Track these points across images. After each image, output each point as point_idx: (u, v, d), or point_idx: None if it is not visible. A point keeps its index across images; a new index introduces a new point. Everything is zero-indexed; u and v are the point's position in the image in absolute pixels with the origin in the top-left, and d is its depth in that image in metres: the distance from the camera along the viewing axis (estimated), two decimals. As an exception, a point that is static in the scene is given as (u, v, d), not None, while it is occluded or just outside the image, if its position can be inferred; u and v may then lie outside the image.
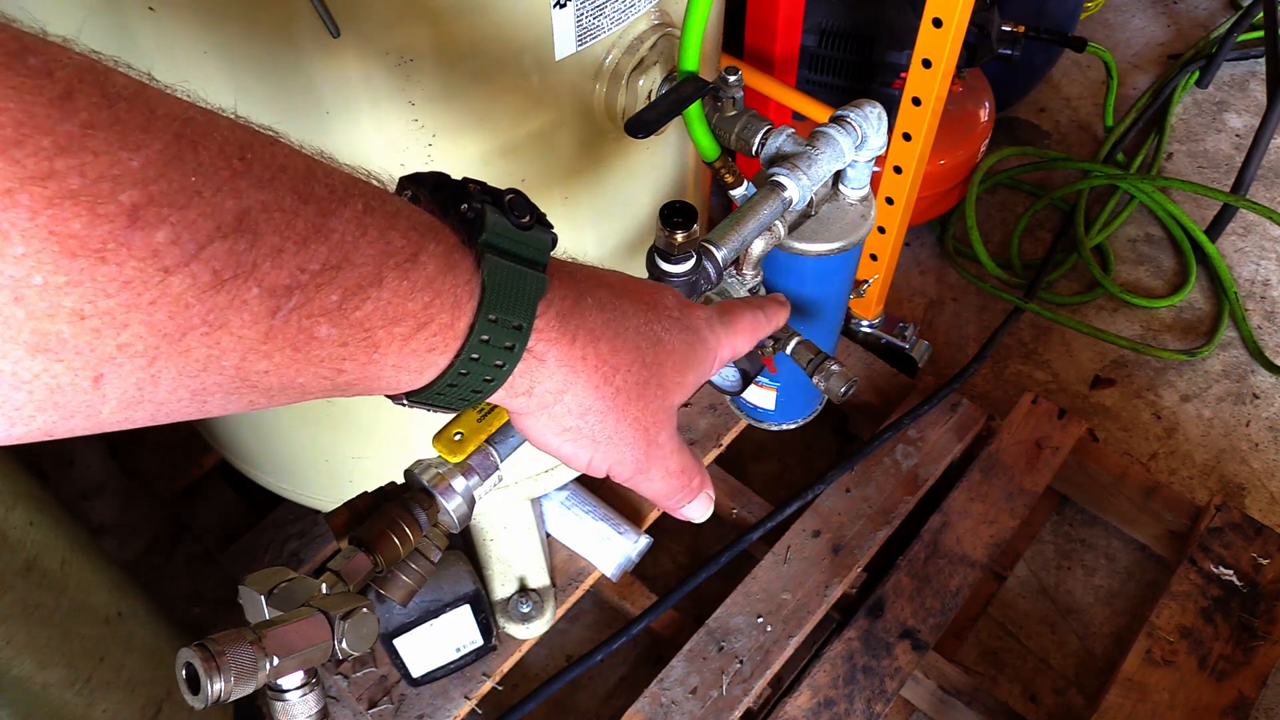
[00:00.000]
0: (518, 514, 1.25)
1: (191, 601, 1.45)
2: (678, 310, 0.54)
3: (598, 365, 0.48)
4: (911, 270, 1.93)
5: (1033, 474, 1.47)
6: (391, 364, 0.40)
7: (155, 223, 0.30)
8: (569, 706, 1.42)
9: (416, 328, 0.39)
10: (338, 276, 0.36)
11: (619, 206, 0.97)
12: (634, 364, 0.50)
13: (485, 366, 0.43)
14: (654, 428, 0.52)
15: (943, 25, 1.18)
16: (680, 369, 0.53)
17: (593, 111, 0.84)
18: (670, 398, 0.52)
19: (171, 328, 0.32)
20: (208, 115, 0.34)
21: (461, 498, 0.60)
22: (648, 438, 0.52)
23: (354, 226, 0.37)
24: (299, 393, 0.38)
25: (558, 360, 0.46)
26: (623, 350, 0.49)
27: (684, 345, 0.53)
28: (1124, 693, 1.29)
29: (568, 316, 0.46)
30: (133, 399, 0.33)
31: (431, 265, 0.40)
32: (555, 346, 0.46)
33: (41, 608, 0.90)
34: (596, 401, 0.49)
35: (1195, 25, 2.43)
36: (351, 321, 0.37)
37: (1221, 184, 2.03)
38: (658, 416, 0.52)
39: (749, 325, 0.60)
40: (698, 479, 0.57)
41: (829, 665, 1.30)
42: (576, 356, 0.47)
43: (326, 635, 0.50)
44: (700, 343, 0.55)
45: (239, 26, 0.66)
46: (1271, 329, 1.85)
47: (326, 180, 0.37)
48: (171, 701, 1.08)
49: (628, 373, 0.49)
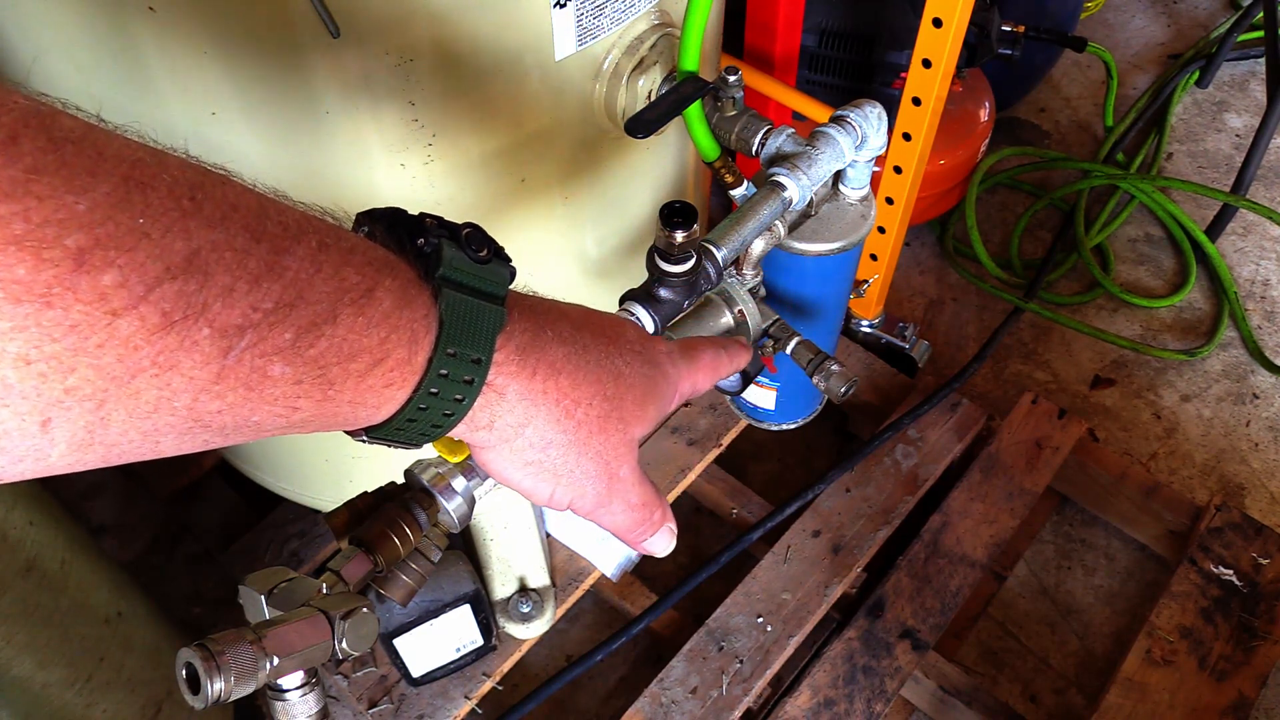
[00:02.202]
0: (518, 514, 1.25)
1: (191, 601, 1.45)
2: (639, 344, 0.54)
3: (559, 398, 0.48)
4: (911, 270, 1.93)
5: (1033, 474, 1.47)
6: (348, 400, 0.39)
7: (102, 266, 0.30)
8: (569, 706, 1.42)
9: (373, 364, 0.39)
10: (291, 314, 0.35)
11: (619, 206, 0.97)
12: (595, 397, 0.49)
13: (445, 401, 0.43)
14: (615, 461, 0.51)
15: (943, 25, 1.18)
16: (641, 402, 0.52)
17: (593, 111, 0.84)
18: (631, 430, 0.52)
19: (120, 370, 0.31)
20: (157, 156, 0.34)
21: (461, 498, 0.60)
22: (609, 471, 0.51)
23: (308, 264, 0.36)
24: (253, 431, 0.38)
25: (518, 394, 0.46)
26: (584, 383, 0.49)
27: (645, 378, 0.53)
28: (1124, 693, 1.29)
29: (528, 350, 0.46)
30: (82, 442, 0.33)
31: (388, 301, 0.39)
32: (516, 380, 0.46)
33: (41, 608, 0.90)
34: (558, 435, 0.48)
35: (1195, 25, 2.43)
36: (306, 359, 0.36)
37: (1221, 184, 2.03)
38: (619, 450, 0.51)
39: (710, 362, 0.60)
40: (659, 512, 0.56)
41: (829, 665, 1.30)
42: (537, 390, 0.47)
43: (326, 635, 0.50)
44: (662, 376, 0.54)
45: (239, 27, 0.66)
46: (1271, 329, 1.85)
47: (279, 218, 0.37)
48: (171, 701, 1.08)
49: (589, 406, 0.49)
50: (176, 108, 0.72)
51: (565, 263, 0.95)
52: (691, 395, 0.59)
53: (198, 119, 0.72)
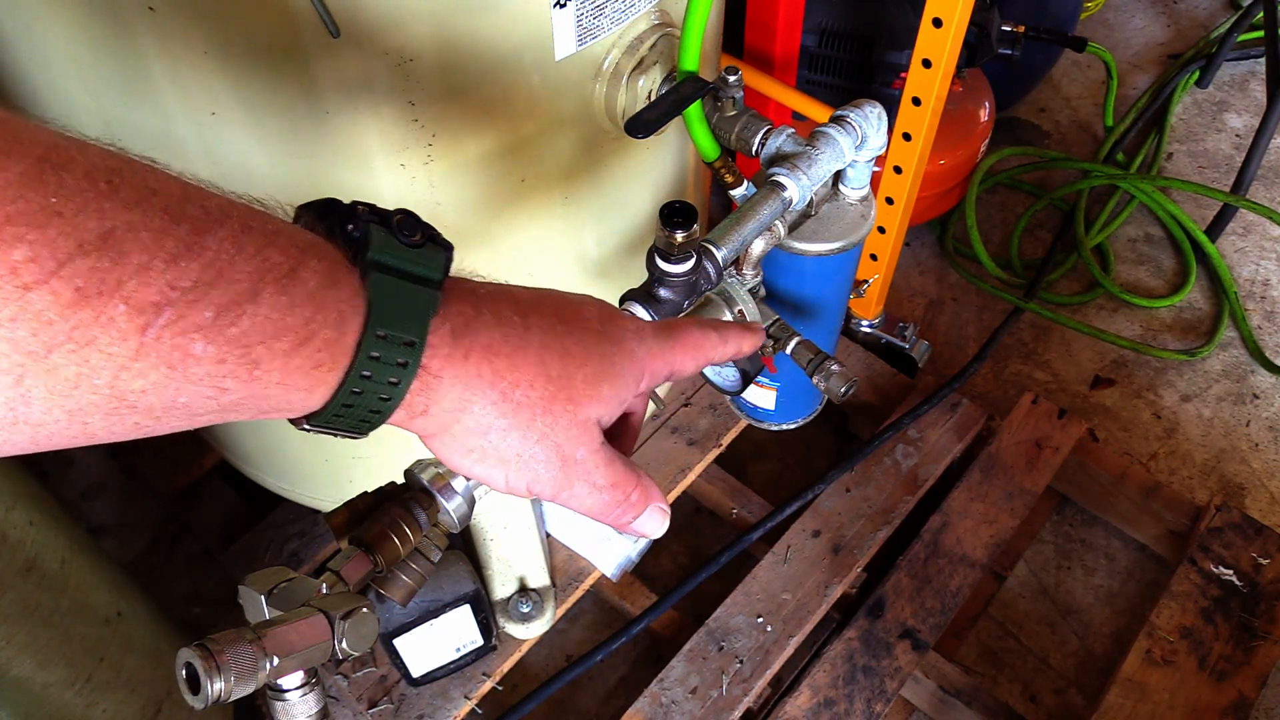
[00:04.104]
0: (518, 514, 1.25)
1: (191, 601, 1.45)
2: (597, 321, 0.53)
3: (494, 381, 0.47)
4: (911, 270, 1.93)
5: (1033, 474, 1.47)
6: (276, 381, 0.39)
7: (12, 241, 0.31)
8: (569, 706, 1.42)
9: (298, 343, 0.39)
10: (211, 293, 0.36)
11: (619, 206, 0.97)
12: (537, 378, 0.48)
13: (379, 385, 0.43)
14: (568, 443, 0.50)
15: (943, 25, 1.18)
16: (593, 381, 0.51)
17: (593, 111, 0.84)
18: (582, 411, 0.50)
19: (36, 345, 0.32)
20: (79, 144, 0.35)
21: (461, 497, 0.60)
22: (561, 454, 0.50)
23: (229, 245, 0.37)
24: (185, 414, 0.38)
25: (453, 377, 0.46)
26: (523, 365, 0.48)
27: (599, 357, 0.51)
28: (1124, 693, 1.29)
29: (462, 333, 0.46)
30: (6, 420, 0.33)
31: (313, 280, 0.40)
32: (450, 363, 0.45)
33: (41, 608, 0.90)
34: (497, 419, 0.48)
35: (1195, 25, 2.43)
36: (228, 338, 0.37)
37: (1221, 184, 2.03)
38: (571, 431, 0.50)
39: (694, 342, 0.57)
40: (636, 492, 0.54)
41: (829, 665, 1.30)
42: (471, 373, 0.46)
43: (326, 635, 0.50)
44: (622, 354, 0.53)
45: (239, 27, 0.66)
46: (1271, 329, 1.85)
47: (202, 202, 0.37)
48: (171, 701, 1.08)
49: (529, 388, 0.48)
50: (176, 108, 0.72)
51: (565, 263, 0.95)
52: (671, 376, 0.56)
53: (198, 119, 0.72)
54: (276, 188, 0.78)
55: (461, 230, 0.83)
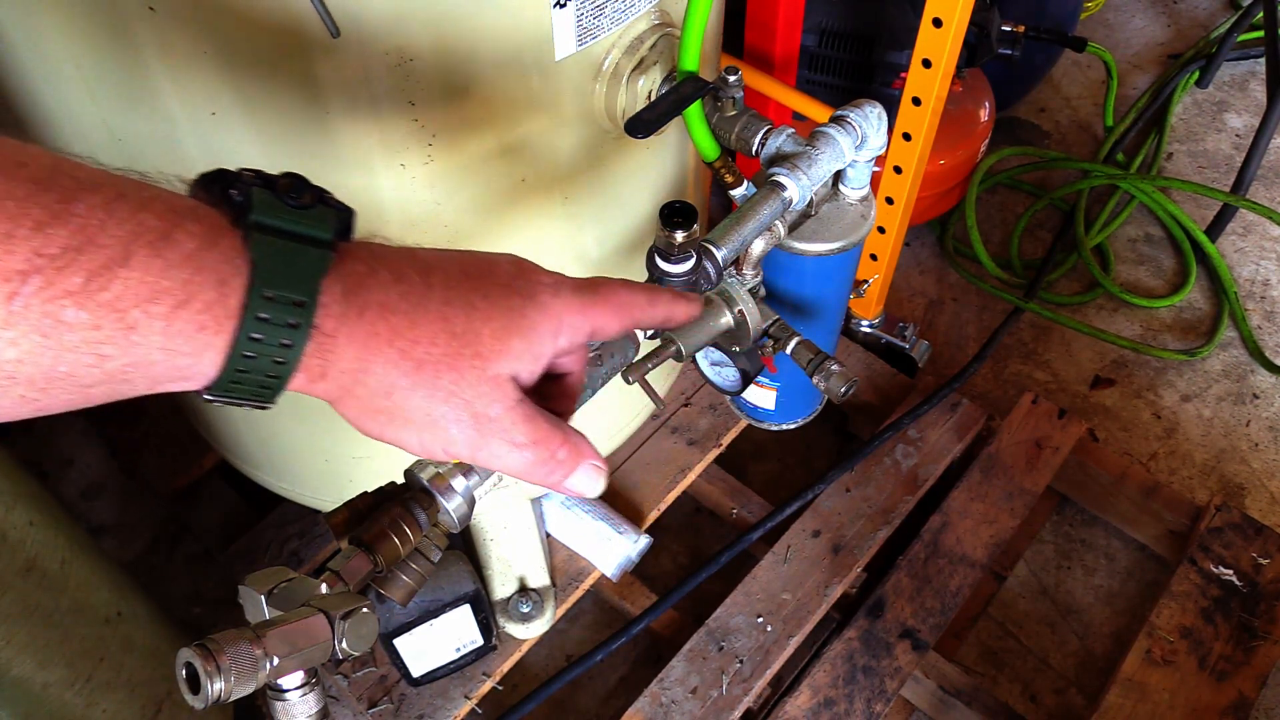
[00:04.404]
0: (518, 514, 1.25)
1: (191, 601, 1.44)
2: (509, 276, 0.52)
3: (392, 339, 0.46)
4: (911, 270, 1.93)
5: (1033, 474, 1.47)
6: (159, 347, 0.39)
7: None
8: (569, 706, 1.42)
9: (176, 305, 0.39)
10: (80, 258, 0.36)
11: (619, 206, 0.97)
12: (440, 334, 0.47)
13: (271, 347, 0.42)
14: (479, 400, 0.49)
15: (943, 25, 1.18)
16: (501, 335, 0.49)
17: (593, 111, 0.84)
18: (492, 366, 0.49)
19: None
20: None
21: (461, 498, 0.60)
22: (473, 412, 0.49)
23: (100, 211, 0.37)
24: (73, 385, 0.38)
25: (348, 337, 0.45)
26: (423, 322, 0.47)
27: (506, 310, 0.50)
28: (1124, 693, 1.29)
29: (355, 292, 0.45)
30: None
31: (190, 243, 0.40)
32: (344, 323, 0.45)
33: (41, 608, 0.90)
34: (400, 378, 0.47)
35: (1195, 25, 2.43)
36: (100, 303, 0.37)
37: (1221, 184, 2.03)
38: (481, 388, 0.49)
39: (618, 301, 0.55)
40: (563, 450, 0.52)
41: (829, 665, 1.30)
42: (368, 331, 0.45)
43: (326, 635, 0.50)
44: (533, 307, 0.51)
45: (239, 27, 0.66)
46: (1271, 329, 1.85)
47: (74, 173, 0.38)
48: (171, 701, 1.08)
49: (431, 344, 0.47)
50: (177, 108, 0.72)
51: (565, 263, 0.95)
52: (594, 335, 0.54)
53: (198, 119, 0.72)
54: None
55: (461, 230, 0.83)
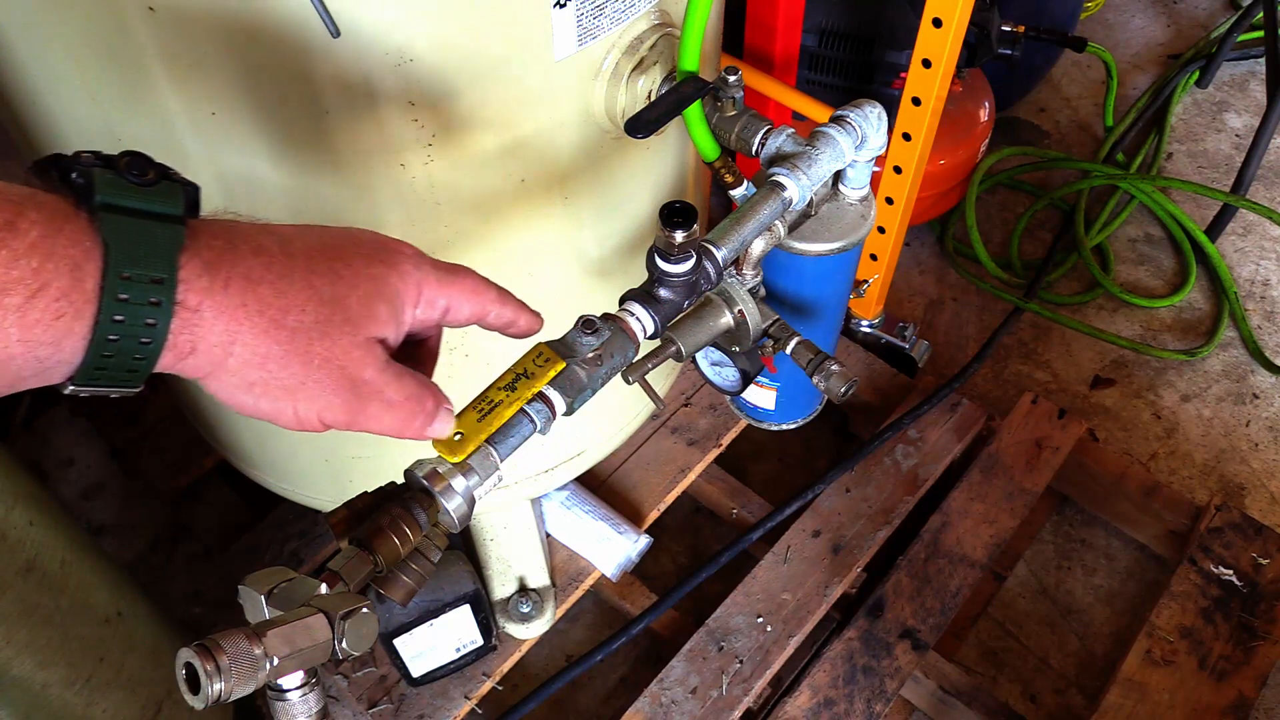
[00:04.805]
0: (518, 514, 1.25)
1: (191, 601, 1.44)
2: (370, 246, 0.52)
3: (261, 309, 0.46)
4: (911, 270, 1.93)
5: (1033, 474, 1.47)
6: (16, 339, 0.39)
7: None
8: (569, 706, 1.42)
9: (30, 294, 0.39)
10: None
11: (619, 206, 0.97)
12: (309, 302, 0.48)
13: (135, 327, 0.42)
14: (353, 364, 0.49)
15: (943, 25, 1.18)
16: (367, 301, 0.50)
17: (593, 111, 0.84)
18: (362, 331, 0.50)
19: None
20: None
21: (461, 498, 0.60)
22: (347, 375, 0.49)
23: None
24: None
25: (215, 310, 0.45)
26: (290, 291, 0.47)
27: (369, 278, 0.51)
28: (1124, 693, 1.29)
29: (217, 265, 0.45)
30: None
31: (34, 231, 0.39)
32: (209, 296, 0.45)
33: (41, 608, 0.90)
34: (273, 346, 0.47)
35: (1195, 25, 2.43)
36: None
37: (1221, 184, 2.03)
38: (353, 353, 0.49)
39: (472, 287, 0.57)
40: (430, 400, 0.54)
41: (829, 665, 1.30)
42: (235, 303, 0.45)
43: (326, 635, 0.50)
44: (398, 275, 0.52)
45: (238, 27, 0.66)
46: (1271, 329, 1.85)
47: None
48: (171, 701, 1.08)
49: (301, 313, 0.47)
50: (176, 108, 0.72)
51: (565, 263, 0.95)
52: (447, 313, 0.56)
53: (197, 119, 0.72)
54: (277, 187, 0.78)
55: (461, 230, 0.83)
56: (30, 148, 0.85)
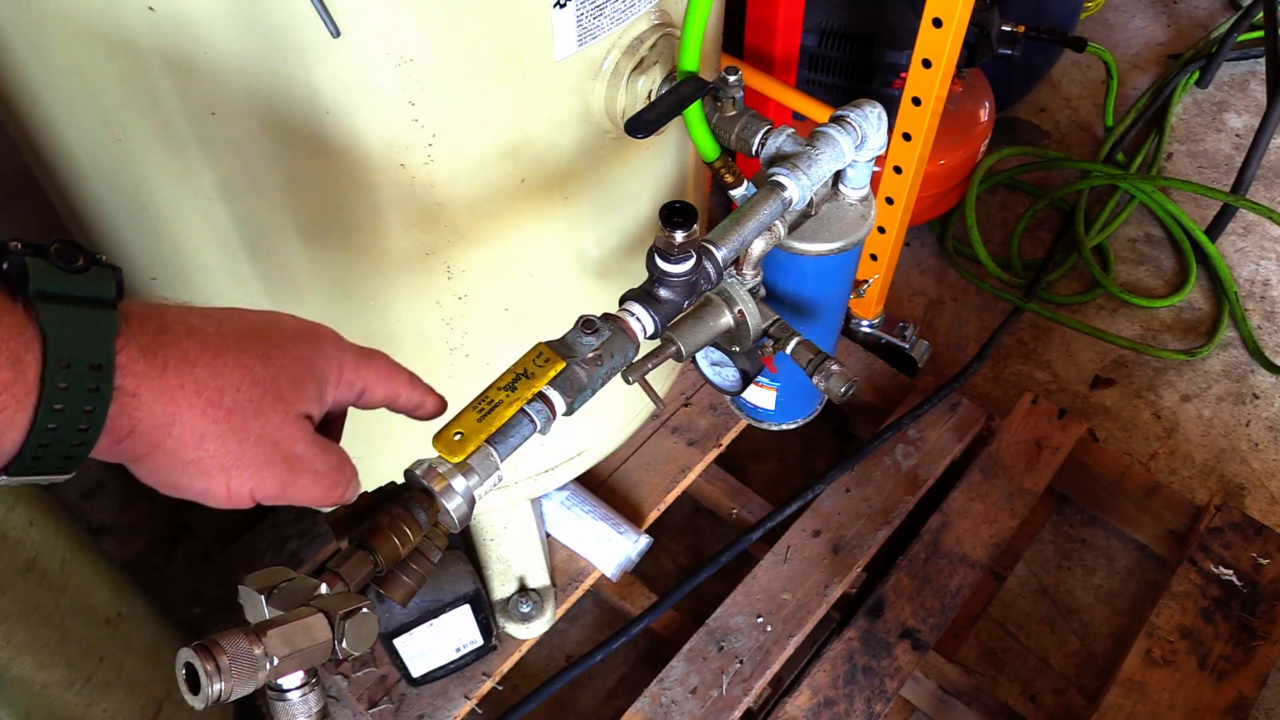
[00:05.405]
0: (518, 514, 1.25)
1: (191, 601, 1.45)
2: (295, 330, 0.54)
3: (199, 390, 0.47)
4: (911, 270, 1.93)
5: (1033, 474, 1.47)
6: None
7: None
8: (569, 706, 1.42)
9: None
10: None
11: (619, 206, 0.97)
12: (244, 381, 0.49)
13: (74, 415, 0.42)
14: (286, 440, 0.51)
15: (943, 25, 1.18)
16: (296, 380, 0.51)
17: (593, 111, 0.84)
18: (293, 408, 0.51)
19: None
20: None
21: (461, 498, 0.60)
22: (281, 450, 0.51)
23: None
24: None
25: (153, 393, 0.45)
26: (225, 371, 0.48)
27: (297, 357, 0.52)
28: (1124, 693, 1.29)
29: (153, 348, 0.45)
30: None
31: None
32: (145, 380, 0.45)
33: (41, 608, 0.90)
34: (210, 426, 0.47)
35: (1195, 25, 2.42)
36: None
37: (1221, 184, 2.03)
38: (286, 428, 0.51)
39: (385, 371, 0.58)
40: (349, 468, 0.56)
41: (829, 665, 1.30)
42: (173, 385, 0.46)
43: (327, 635, 0.50)
44: (320, 356, 0.54)
45: (238, 27, 0.66)
46: (1271, 329, 1.85)
47: None
48: (171, 701, 1.08)
49: (237, 391, 0.48)
50: (175, 108, 0.72)
51: (565, 263, 0.95)
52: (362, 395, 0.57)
53: (197, 119, 0.72)
54: (277, 188, 0.78)
55: (461, 230, 0.83)
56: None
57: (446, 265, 0.85)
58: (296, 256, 0.84)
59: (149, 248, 0.88)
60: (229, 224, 0.81)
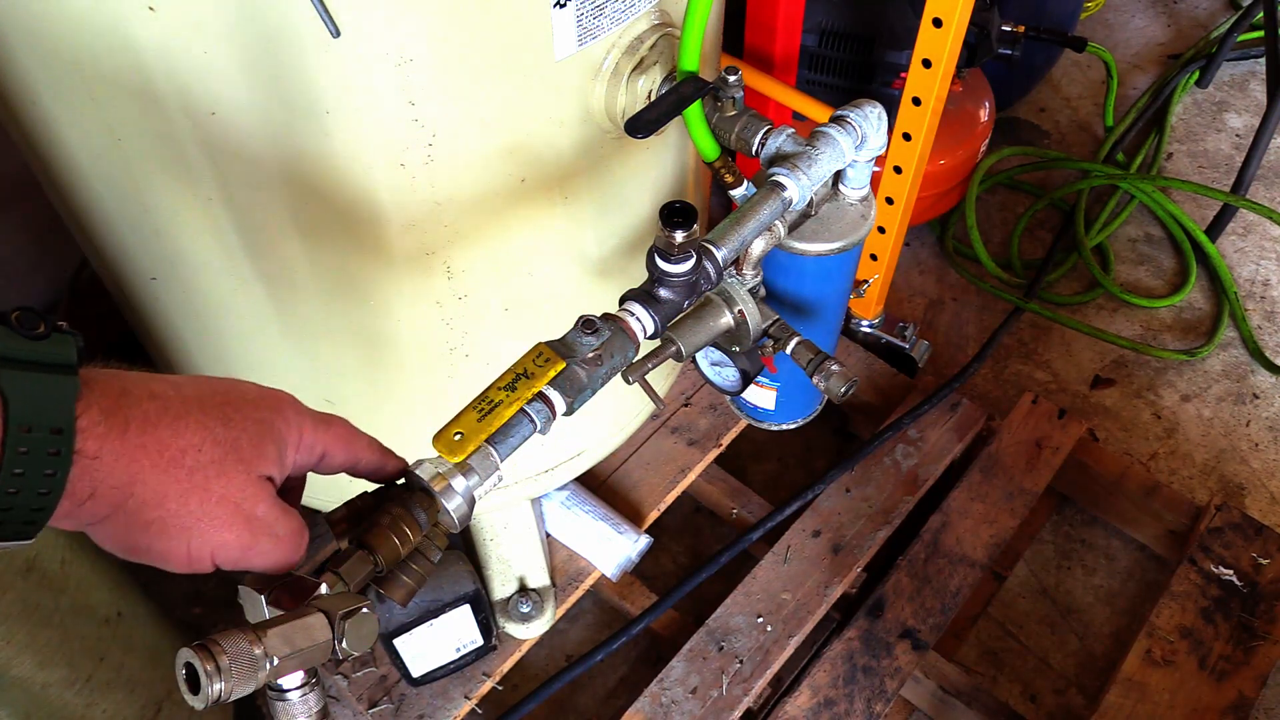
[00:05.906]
0: (518, 514, 1.25)
1: (191, 601, 1.44)
2: (257, 395, 0.54)
3: (161, 449, 0.47)
4: (911, 270, 1.93)
5: (1033, 474, 1.47)
6: None
7: None
8: (569, 706, 1.42)
9: None
10: None
11: (619, 206, 0.97)
12: (205, 442, 0.49)
13: (35, 479, 0.42)
14: (248, 502, 0.50)
15: (943, 25, 1.18)
16: (257, 441, 0.51)
17: (593, 111, 0.84)
18: (256, 469, 0.51)
19: None
20: None
21: (461, 498, 0.60)
22: (242, 511, 0.50)
23: None
24: None
25: (114, 454, 0.45)
26: (187, 432, 0.48)
27: (257, 420, 0.52)
28: (1124, 693, 1.29)
29: (115, 410, 0.46)
30: None
31: None
32: (106, 442, 0.45)
33: (41, 608, 0.90)
34: (172, 485, 0.47)
35: (1195, 25, 2.42)
36: None
37: (1221, 184, 2.03)
38: (248, 490, 0.50)
39: (346, 434, 0.58)
40: (305, 533, 0.55)
41: (829, 665, 1.30)
42: (134, 445, 0.46)
43: (327, 635, 0.50)
44: (282, 420, 0.54)
45: (237, 27, 0.66)
46: (1271, 329, 1.85)
47: None
48: (171, 701, 1.08)
49: (199, 452, 0.48)
50: (175, 108, 0.72)
51: (565, 263, 0.95)
52: (323, 459, 0.57)
53: (196, 119, 0.72)
54: (277, 188, 0.78)
55: (461, 230, 0.83)
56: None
57: (446, 265, 0.85)
58: (296, 256, 0.84)
59: (149, 248, 0.88)
60: (229, 224, 0.81)
